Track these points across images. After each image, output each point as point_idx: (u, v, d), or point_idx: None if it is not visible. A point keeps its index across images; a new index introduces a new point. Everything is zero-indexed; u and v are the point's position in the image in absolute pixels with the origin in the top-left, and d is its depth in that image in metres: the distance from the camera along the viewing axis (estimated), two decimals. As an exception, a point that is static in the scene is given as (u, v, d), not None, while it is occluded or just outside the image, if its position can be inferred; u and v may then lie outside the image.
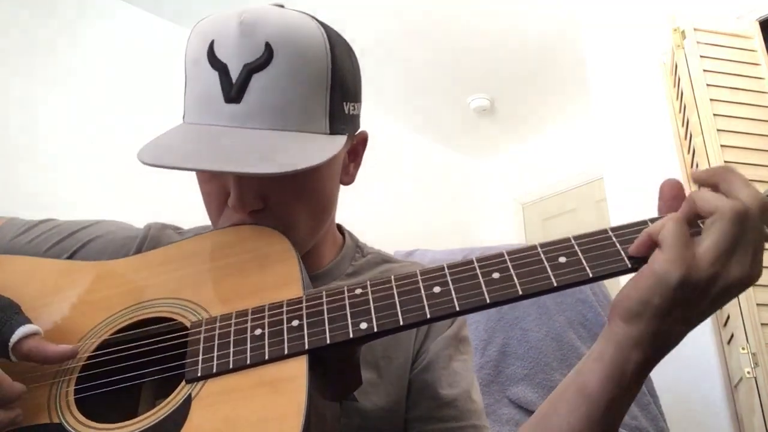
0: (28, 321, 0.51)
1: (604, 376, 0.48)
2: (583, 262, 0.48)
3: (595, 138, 2.88)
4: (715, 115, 1.88)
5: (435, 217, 3.86)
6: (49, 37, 2.43)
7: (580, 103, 3.46)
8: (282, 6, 0.62)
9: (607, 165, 2.51)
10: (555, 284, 0.47)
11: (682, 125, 2.11)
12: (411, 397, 0.66)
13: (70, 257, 0.67)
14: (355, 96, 0.64)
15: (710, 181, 0.49)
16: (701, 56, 1.98)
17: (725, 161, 1.81)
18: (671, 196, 0.51)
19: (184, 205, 2.44)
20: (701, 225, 0.48)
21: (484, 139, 4.04)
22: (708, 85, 1.93)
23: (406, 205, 3.67)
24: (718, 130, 1.86)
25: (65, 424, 0.48)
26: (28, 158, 2.25)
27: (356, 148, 0.69)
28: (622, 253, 0.48)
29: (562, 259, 0.49)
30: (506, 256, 0.50)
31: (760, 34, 2.04)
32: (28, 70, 2.35)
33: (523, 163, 4.12)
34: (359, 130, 0.68)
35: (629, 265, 0.48)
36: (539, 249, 0.50)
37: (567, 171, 3.80)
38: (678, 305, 0.46)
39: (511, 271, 0.49)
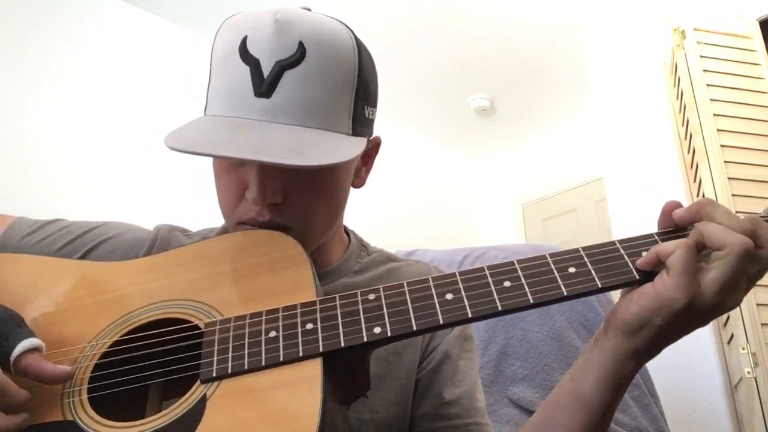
0: (31, 334, 0.51)
1: (603, 384, 0.51)
2: (593, 272, 0.50)
3: (595, 138, 2.89)
4: (715, 115, 1.88)
5: (435, 217, 3.86)
6: (47, 37, 2.43)
7: (580, 103, 3.46)
8: (309, 9, 0.64)
9: (607, 165, 2.51)
10: (565, 293, 0.49)
11: (682, 125, 2.11)
12: (417, 395, 0.67)
13: (82, 258, 0.67)
14: (374, 101, 0.66)
15: (696, 217, 0.51)
16: (701, 56, 1.98)
17: (725, 161, 1.81)
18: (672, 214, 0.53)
19: (181, 207, 2.44)
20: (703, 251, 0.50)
21: (484, 139, 4.04)
22: (708, 85, 1.93)
23: (406, 205, 3.67)
24: (718, 130, 1.86)
25: (79, 421, 0.48)
26: (25, 158, 2.25)
27: (369, 152, 0.70)
28: (630, 265, 0.50)
29: (572, 270, 0.50)
30: (517, 265, 0.51)
31: (760, 34, 2.04)
32: (26, 69, 2.35)
33: (523, 163, 4.12)
34: (373, 135, 0.69)
35: (637, 277, 0.49)
36: (549, 259, 0.51)
37: (567, 171, 3.80)
38: (681, 325, 0.48)
39: (522, 280, 0.50)
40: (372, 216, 3.32)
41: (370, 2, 2.79)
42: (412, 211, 3.70)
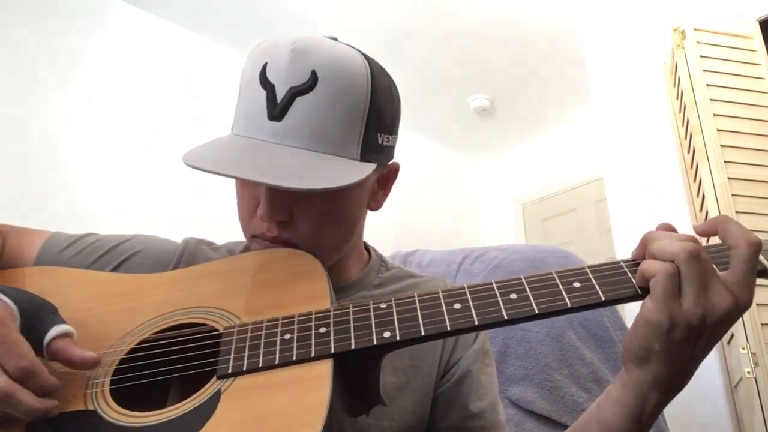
0: (62, 321, 0.54)
1: (625, 417, 0.54)
2: (596, 286, 0.52)
3: (595, 138, 2.89)
4: (715, 115, 1.88)
5: (435, 217, 3.86)
6: (48, 37, 2.43)
7: (580, 103, 3.46)
8: (335, 39, 0.67)
9: (607, 165, 2.51)
10: (569, 305, 0.51)
11: (682, 125, 2.11)
12: (441, 408, 0.70)
13: (114, 270, 0.72)
14: (391, 129, 0.69)
15: (642, 252, 0.53)
16: (701, 56, 1.98)
17: (725, 161, 1.81)
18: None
19: (181, 207, 2.43)
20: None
21: (484, 139, 4.04)
22: (708, 85, 1.93)
23: (406, 205, 3.67)
24: (718, 130, 1.86)
25: (100, 410, 0.52)
26: (25, 158, 2.25)
27: (387, 176, 0.74)
28: (632, 280, 0.52)
29: (577, 284, 0.53)
30: (524, 280, 0.54)
31: (760, 34, 2.04)
32: (26, 69, 2.35)
33: (523, 163, 4.12)
34: (392, 161, 0.72)
35: (639, 292, 0.51)
36: (555, 274, 0.54)
37: (567, 171, 3.80)
38: (682, 346, 0.49)
39: (528, 292, 0.53)
40: (372, 216, 3.33)
41: (371, 3, 2.79)
42: (412, 211, 3.70)
